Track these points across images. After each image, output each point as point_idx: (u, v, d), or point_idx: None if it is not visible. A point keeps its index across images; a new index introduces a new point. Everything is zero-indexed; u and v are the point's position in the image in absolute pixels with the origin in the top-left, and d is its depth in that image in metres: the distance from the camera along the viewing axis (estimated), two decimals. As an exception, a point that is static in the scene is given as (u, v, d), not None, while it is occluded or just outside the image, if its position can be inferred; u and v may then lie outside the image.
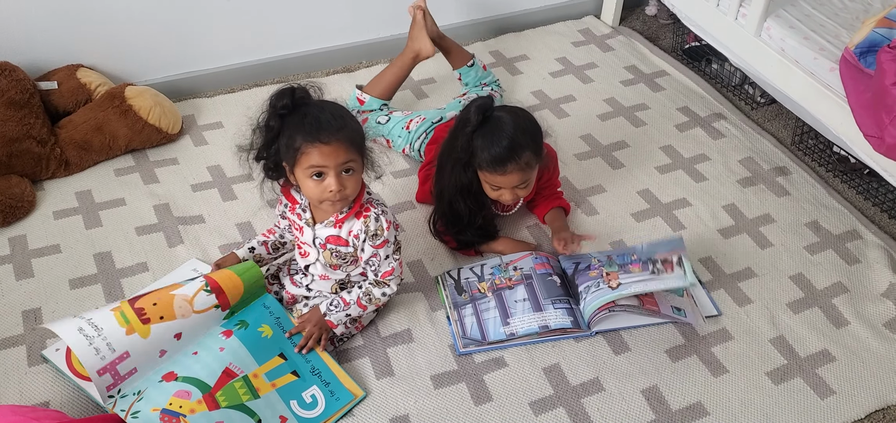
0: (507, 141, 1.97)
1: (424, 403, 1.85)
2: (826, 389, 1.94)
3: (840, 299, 2.16)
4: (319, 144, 1.68)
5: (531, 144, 2.00)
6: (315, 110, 1.72)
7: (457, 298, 2.05)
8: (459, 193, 2.07)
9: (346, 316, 1.89)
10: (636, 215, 2.38)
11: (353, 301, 1.88)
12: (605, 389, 1.90)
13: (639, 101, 2.87)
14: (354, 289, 1.90)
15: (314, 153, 1.69)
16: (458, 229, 2.15)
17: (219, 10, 2.70)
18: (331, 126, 1.69)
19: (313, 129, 1.69)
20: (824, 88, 2.41)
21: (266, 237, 2.01)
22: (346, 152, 1.70)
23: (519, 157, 1.98)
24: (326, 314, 1.87)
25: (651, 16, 3.45)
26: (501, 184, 2.03)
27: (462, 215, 2.11)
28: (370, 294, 1.88)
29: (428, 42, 2.55)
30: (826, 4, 2.71)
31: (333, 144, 1.69)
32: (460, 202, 2.09)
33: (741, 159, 2.62)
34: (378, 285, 1.89)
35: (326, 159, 1.69)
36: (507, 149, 1.97)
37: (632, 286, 1.97)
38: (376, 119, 2.53)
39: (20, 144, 2.26)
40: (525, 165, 2.00)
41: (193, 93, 2.78)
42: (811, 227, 2.38)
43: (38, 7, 2.44)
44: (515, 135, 1.97)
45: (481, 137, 1.99)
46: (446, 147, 2.09)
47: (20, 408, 1.58)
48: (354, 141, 1.73)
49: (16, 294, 2.01)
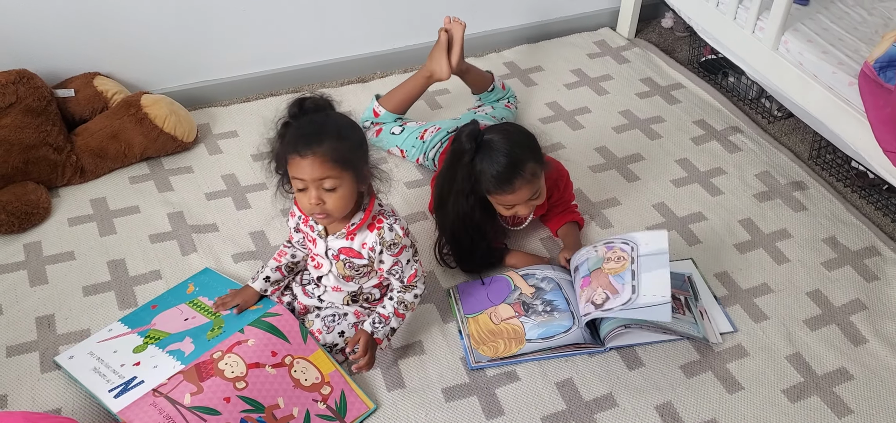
0: (506, 159, 1.96)
1: (436, 416, 1.83)
2: (844, 408, 1.91)
3: (858, 317, 2.13)
4: (297, 156, 1.67)
5: (530, 154, 1.99)
6: (306, 121, 1.70)
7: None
8: (462, 223, 2.06)
9: (390, 330, 1.88)
10: (651, 228, 2.36)
11: (392, 313, 1.88)
12: (618, 404, 1.88)
13: (654, 113, 2.86)
14: (388, 302, 1.89)
15: (294, 165, 1.69)
16: (463, 257, 2.14)
17: (234, 21, 2.71)
18: (310, 139, 1.66)
19: (294, 139, 1.68)
20: (843, 102, 2.39)
21: (278, 261, 1.99)
22: (321, 167, 1.67)
23: (523, 170, 1.97)
24: (374, 334, 1.87)
25: (667, 28, 3.43)
26: (513, 201, 2.02)
27: (465, 245, 2.11)
28: (404, 301, 1.89)
29: (444, 66, 2.52)
30: (845, 18, 2.69)
31: (309, 158, 1.66)
32: (462, 233, 2.08)
33: (758, 173, 2.59)
34: (407, 290, 1.89)
35: (303, 172, 1.68)
36: (508, 167, 1.96)
37: (619, 312, 1.92)
38: (390, 130, 2.53)
39: (37, 151, 2.28)
40: (531, 176, 1.99)
41: (208, 102, 2.78)
42: (829, 243, 2.35)
43: (57, 16, 2.46)
44: (513, 151, 1.96)
45: (480, 162, 1.97)
46: (444, 180, 2.06)
47: (32, 415, 1.58)
48: (335, 157, 1.67)
49: (30, 301, 2.02)
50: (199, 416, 1.69)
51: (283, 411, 1.75)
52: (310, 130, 1.68)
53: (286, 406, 1.75)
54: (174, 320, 1.96)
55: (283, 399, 1.76)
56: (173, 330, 1.93)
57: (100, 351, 1.89)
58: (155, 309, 2.00)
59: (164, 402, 1.71)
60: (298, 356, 1.85)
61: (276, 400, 1.76)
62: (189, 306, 2.00)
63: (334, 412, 1.78)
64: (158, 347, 1.88)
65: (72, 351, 1.89)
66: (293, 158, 1.68)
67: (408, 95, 2.57)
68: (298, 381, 1.81)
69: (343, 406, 1.80)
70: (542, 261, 2.19)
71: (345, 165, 1.69)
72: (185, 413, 1.69)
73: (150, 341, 1.91)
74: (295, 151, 1.67)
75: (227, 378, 1.76)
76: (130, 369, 1.83)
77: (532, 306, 2.04)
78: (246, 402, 1.73)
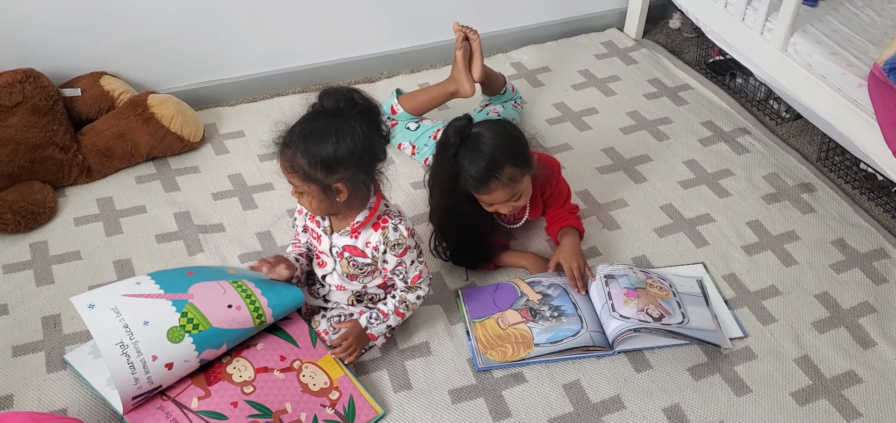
0: (485, 161, 1.94)
1: (442, 417, 1.83)
2: (852, 411, 1.90)
3: (867, 320, 2.12)
4: (278, 150, 1.73)
5: (510, 158, 1.96)
6: (309, 119, 1.71)
7: None
8: (448, 216, 2.06)
9: (386, 328, 1.88)
10: (659, 231, 2.35)
11: (391, 312, 1.88)
12: (625, 407, 1.87)
13: (662, 114, 2.85)
14: (389, 300, 1.89)
15: None
16: (452, 250, 2.14)
17: (242, 20, 2.71)
18: (288, 139, 1.70)
19: (287, 133, 1.72)
20: (852, 104, 2.38)
21: (295, 251, 1.99)
22: (286, 171, 1.72)
23: (499, 173, 1.95)
24: (367, 328, 1.86)
25: (675, 29, 3.42)
26: (490, 201, 2.01)
27: (452, 238, 2.11)
28: (406, 301, 1.89)
29: (467, 83, 2.50)
30: (854, 19, 2.67)
31: (281, 159, 1.72)
32: (450, 225, 2.08)
33: (766, 175, 2.58)
34: (411, 291, 1.89)
35: (282, 171, 1.74)
36: (486, 168, 1.94)
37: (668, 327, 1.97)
38: (406, 125, 2.55)
39: (43, 150, 2.28)
40: (508, 180, 1.97)
41: (215, 102, 2.78)
42: (837, 245, 2.34)
43: (63, 15, 2.46)
44: (493, 153, 1.94)
45: (462, 158, 1.96)
46: (433, 172, 2.07)
47: (39, 415, 1.58)
48: (296, 167, 1.68)
49: (36, 300, 2.02)
50: (206, 421, 1.68)
51: (291, 416, 1.74)
52: (299, 130, 1.70)
53: (294, 411, 1.75)
54: (215, 301, 1.77)
55: (290, 404, 1.75)
56: (214, 321, 1.75)
57: (127, 312, 1.68)
58: (191, 276, 1.82)
59: (172, 406, 1.71)
60: (307, 361, 1.84)
61: (284, 405, 1.75)
62: (232, 286, 1.81)
63: (343, 418, 1.77)
64: (196, 345, 1.72)
65: (92, 298, 1.70)
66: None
67: (428, 103, 2.56)
68: (306, 386, 1.80)
69: (351, 412, 1.79)
70: (540, 261, 2.18)
71: (305, 178, 1.70)
72: (193, 418, 1.69)
73: (189, 327, 1.71)
74: (277, 144, 1.72)
75: (235, 383, 1.75)
76: (161, 372, 1.68)
77: (539, 311, 2.03)
78: (253, 407, 1.72)
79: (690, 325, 1.97)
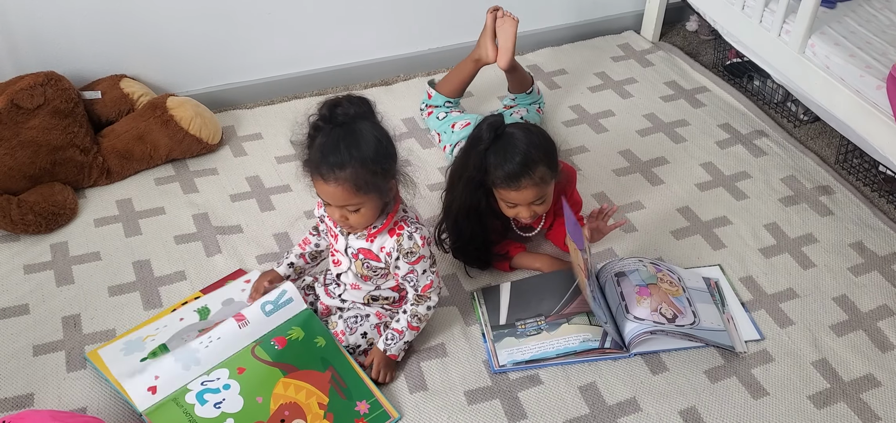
0: (520, 157, 1.95)
1: (458, 419, 1.83)
2: (871, 415, 1.89)
3: (885, 323, 2.11)
4: (320, 179, 1.67)
5: (544, 158, 1.98)
6: (334, 135, 1.65)
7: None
8: (467, 213, 2.06)
9: (404, 344, 1.90)
10: (675, 233, 2.35)
11: (405, 328, 1.88)
12: (641, 409, 1.87)
13: (679, 117, 2.84)
14: (401, 316, 1.90)
15: (318, 185, 1.69)
16: (459, 245, 2.15)
17: (260, 24, 2.73)
18: (332, 164, 1.63)
19: (317, 159, 1.66)
20: (870, 106, 2.36)
21: (302, 249, 2.02)
22: (343, 195, 1.66)
23: (532, 171, 1.96)
24: (387, 350, 1.88)
25: (692, 31, 3.41)
26: (516, 200, 2.01)
27: (465, 234, 2.11)
28: (417, 315, 1.89)
29: (490, 49, 2.55)
30: (873, 21, 2.66)
31: (332, 185, 1.65)
32: (465, 222, 2.08)
33: (783, 178, 2.57)
34: (420, 302, 1.88)
35: (327, 196, 1.69)
36: (520, 164, 1.95)
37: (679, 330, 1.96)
38: (437, 115, 2.61)
39: (64, 152, 2.30)
40: (539, 179, 1.98)
41: (233, 104, 2.80)
42: (855, 247, 2.32)
43: (84, 19, 2.49)
44: (528, 150, 1.96)
45: (494, 155, 1.97)
46: (459, 165, 2.07)
47: (59, 413, 1.59)
48: (358, 183, 1.65)
49: (56, 300, 2.04)
50: None
51: None
52: (334, 150, 1.63)
53: None
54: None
55: None
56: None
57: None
58: None
59: None
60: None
61: None
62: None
63: None
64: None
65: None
66: (317, 180, 1.68)
67: (459, 79, 2.63)
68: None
69: None
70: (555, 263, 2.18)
71: (368, 189, 1.68)
72: None
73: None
74: (318, 174, 1.66)
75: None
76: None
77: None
78: None
79: (702, 326, 1.97)
